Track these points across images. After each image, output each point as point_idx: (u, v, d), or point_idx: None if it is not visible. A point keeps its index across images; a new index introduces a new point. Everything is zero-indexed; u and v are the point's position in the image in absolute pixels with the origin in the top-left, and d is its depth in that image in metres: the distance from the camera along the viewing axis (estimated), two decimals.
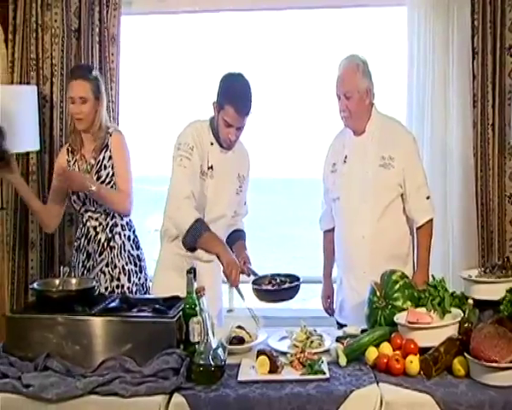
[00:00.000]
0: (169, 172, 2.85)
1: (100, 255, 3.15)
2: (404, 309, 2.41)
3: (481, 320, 2.32)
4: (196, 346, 2.22)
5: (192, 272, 2.35)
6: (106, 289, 3.11)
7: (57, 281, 2.54)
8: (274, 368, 2.21)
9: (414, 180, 2.93)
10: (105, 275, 3.14)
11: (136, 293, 3.17)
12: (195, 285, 2.32)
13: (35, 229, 3.87)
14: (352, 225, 2.95)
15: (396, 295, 2.47)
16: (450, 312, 2.36)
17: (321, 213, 3.22)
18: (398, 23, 3.93)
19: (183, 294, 2.42)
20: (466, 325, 2.29)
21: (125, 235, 3.20)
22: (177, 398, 2.07)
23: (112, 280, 3.14)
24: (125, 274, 3.16)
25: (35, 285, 2.48)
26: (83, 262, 3.18)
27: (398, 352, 2.24)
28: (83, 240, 3.20)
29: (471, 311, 2.35)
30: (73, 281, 2.58)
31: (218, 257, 2.62)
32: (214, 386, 2.12)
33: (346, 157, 2.99)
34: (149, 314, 2.35)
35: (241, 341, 2.48)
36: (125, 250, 3.19)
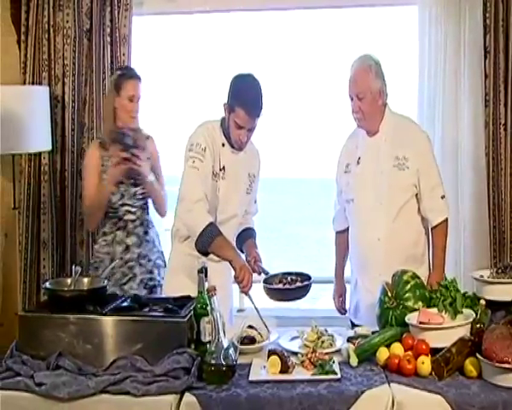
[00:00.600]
0: (180, 172, 2.85)
1: (138, 248, 3.24)
2: (415, 309, 2.40)
3: (493, 321, 2.31)
4: (207, 345, 2.23)
5: (203, 271, 2.35)
6: (141, 280, 3.23)
7: (69, 280, 2.55)
8: (285, 368, 2.21)
9: (428, 180, 2.89)
10: (141, 267, 3.24)
11: (161, 287, 3.25)
12: (206, 285, 2.32)
13: (47, 228, 3.89)
14: (366, 226, 2.92)
15: (407, 295, 2.46)
16: (461, 312, 2.35)
17: (334, 213, 3.20)
18: (409, 22, 3.92)
19: (194, 294, 2.42)
20: (478, 325, 2.28)
21: (154, 231, 3.34)
22: (188, 397, 2.08)
23: (146, 273, 3.25)
24: (156, 268, 3.28)
25: (47, 284, 2.50)
26: (120, 254, 3.23)
27: (409, 352, 2.23)
28: (120, 233, 3.25)
29: (483, 312, 2.34)
30: (85, 280, 2.59)
31: (231, 262, 2.61)
32: (225, 386, 2.12)
33: (359, 158, 2.96)
34: (160, 314, 2.36)
35: (252, 341, 2.48)
36: (155, 245, 3.32)
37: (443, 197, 2.93)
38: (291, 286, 2.74)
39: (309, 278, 2.79)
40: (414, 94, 3.81)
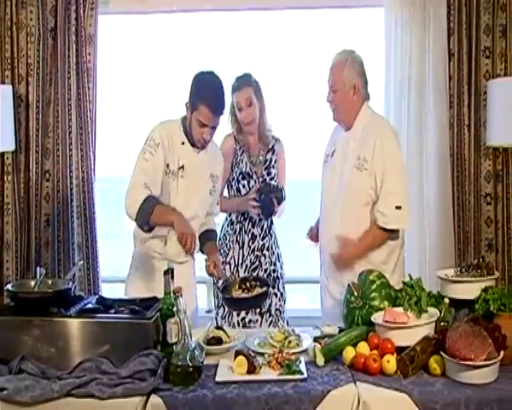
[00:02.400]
0: None
1: (262, 239, 3.38)
2: (381, 309, 2.42)
3: (457, 319, 2.34)
4: (174, 347, 2.22)
5: (169, 272, 2.33)
6: (265, 271, 3.37)
7: (33, 282, 2.51)
8: (252, 368, 2.20)
9: (384, 186, 2.75)
10: (265, 258, 3.38)
11: (282, 279, 3.44)
12: (172, 286, 2.31)
13: (10, 230, 3.83)
14: (325, 222, 2.91)
15: (373, 294, 2.48)
16: (426, 311, 2.38)
17: None
18: (375, 23, 3.96)
19: (156, 295, 2.41)
20: (442, 324, 2.31)
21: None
22: (155, 399, 2.06)
23: (270, 264, 3.38)
24: (279, 261, 3.43)
25: (9, 286, 2.45)
26: (248, 243, 3.36)
27: (375, 351, 2.25)
28: (246, 223, 3.37)
29: (447, 310, 2.37)
30: (49, 282, 2.55)
31: (173, 226, 2.59)
32: (192, 387, 2.11)
33: (333, 151, 2.92)
34: (126, 315, 2.33)
35: (218, 341, 2.48)
36: (277, 240, 3.46)
37: (398, 208, 2.75)
38: (249, 295, 2.76)
39: (267, 283, 2.81)
40: (380, 95, 3.85)
